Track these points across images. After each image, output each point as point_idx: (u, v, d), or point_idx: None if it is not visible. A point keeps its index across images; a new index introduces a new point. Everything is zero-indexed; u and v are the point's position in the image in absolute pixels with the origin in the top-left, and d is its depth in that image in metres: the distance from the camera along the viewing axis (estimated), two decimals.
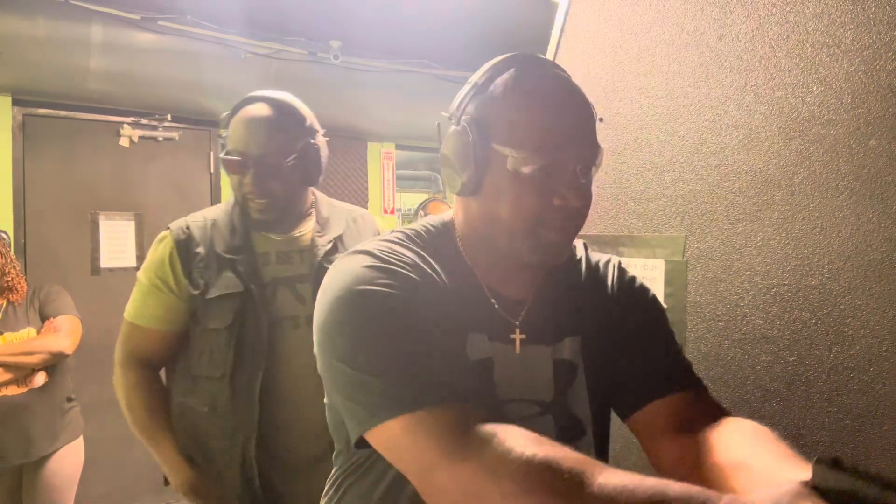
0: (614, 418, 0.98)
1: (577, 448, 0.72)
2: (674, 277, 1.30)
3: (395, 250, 0.85)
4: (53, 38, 2.97)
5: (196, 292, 1.44)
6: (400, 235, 0.90)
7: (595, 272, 0.99)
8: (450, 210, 0.96)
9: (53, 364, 2.42)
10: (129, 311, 1.52)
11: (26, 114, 3.39)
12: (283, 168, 1.46)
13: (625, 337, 0.94)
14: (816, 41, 1.07)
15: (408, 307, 0.78)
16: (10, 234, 3.26)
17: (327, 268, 1.51)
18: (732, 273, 1.20)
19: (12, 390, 2.32)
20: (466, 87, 0.87)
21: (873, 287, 1.00)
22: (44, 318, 2.48)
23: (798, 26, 1.09)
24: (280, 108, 1.48)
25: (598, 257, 1.03)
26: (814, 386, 1.08)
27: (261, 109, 1.47)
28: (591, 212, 1.48)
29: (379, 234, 1.68)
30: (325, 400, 0.94)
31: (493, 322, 0.89)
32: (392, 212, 4.71)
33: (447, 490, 0.65)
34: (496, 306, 0.90)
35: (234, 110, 1.49)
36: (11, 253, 2.55)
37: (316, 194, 1.64)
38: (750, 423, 0.80)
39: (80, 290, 3.08)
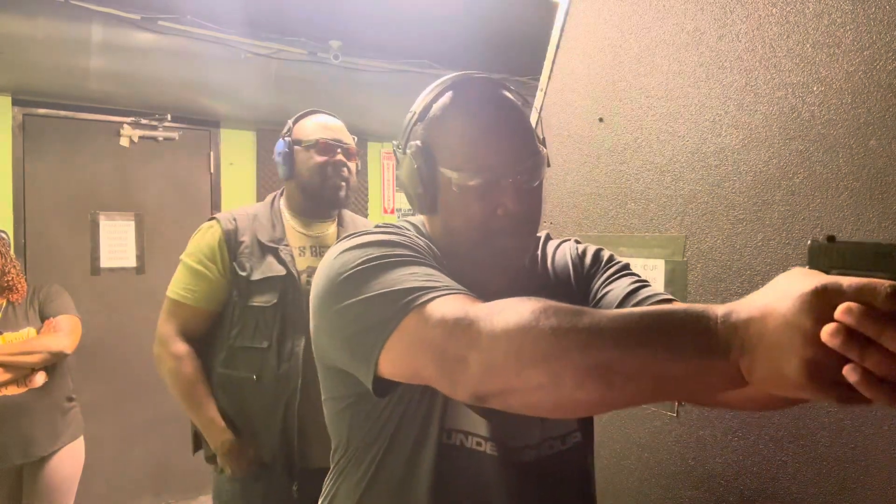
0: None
1: None
2: (674, 277, 1.30)
3: (388, 228, 0.91)
4: (53, 38, 2.97)
5: (243, 274, 1.67)
6: (385, 225, 0.96)
7: (554, 254, 1.05)
8: (418, 216, 1.02)
9: (53, 364, 2.42)
10: (174, 289, 1.73)
11: (26, 114, 3.39)
12: (357, 157, 1.87)
13: (591, 291, 0.98)
14: (816, 41, 1.07)
15: (413, 248, 0.84)
16: (10, 234, 3.26)
17: None
18: (732, 273, 1.20)
19: (12, 390, 2.32)
20: (408, 116, 0.93)
21: None
22: (43, 317, 2.48)
23: (798, 26, 1.09)
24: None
25: (556, 242, 1.07)
26: None
27: (332, 118, 1.88)
28: (591, 212, 1.50)
29: None
30: (323, 396, 0.95)
31: None
32: (392, 212, 4.71)
33: (467, 365, 0.66)
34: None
35: (302, 116, 1.86)
36: (11, 253, 2.55)
37: None
38: None
39: (80, 290, 3.07)
